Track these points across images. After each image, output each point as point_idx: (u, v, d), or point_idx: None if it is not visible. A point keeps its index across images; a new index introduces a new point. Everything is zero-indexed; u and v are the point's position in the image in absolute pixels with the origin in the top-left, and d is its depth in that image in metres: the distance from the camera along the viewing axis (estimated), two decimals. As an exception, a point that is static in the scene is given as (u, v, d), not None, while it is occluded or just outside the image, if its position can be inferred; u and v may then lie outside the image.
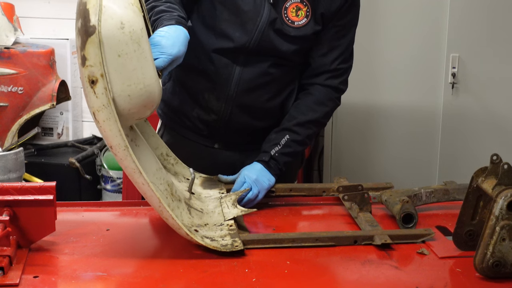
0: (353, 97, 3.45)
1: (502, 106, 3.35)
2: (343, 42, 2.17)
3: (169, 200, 1.76)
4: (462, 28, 3.30)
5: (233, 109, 2.16)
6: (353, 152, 3.51)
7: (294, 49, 2.11)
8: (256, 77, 2.13)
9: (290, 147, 2.12)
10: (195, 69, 2.16)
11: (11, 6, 3.88)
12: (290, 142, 2.12)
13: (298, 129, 2.13)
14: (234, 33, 2.10)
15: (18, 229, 1.60)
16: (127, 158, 1.58)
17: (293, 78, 2.20)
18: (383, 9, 3.36)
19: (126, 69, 1.57)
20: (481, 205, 1.66)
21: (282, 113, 2.20)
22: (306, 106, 2.16)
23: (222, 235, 1.73)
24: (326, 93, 2.18)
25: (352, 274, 1.60)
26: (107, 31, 1.53)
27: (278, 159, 2.10)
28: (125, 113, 1.61)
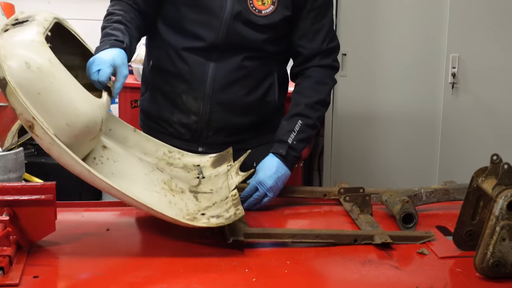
0: (353, 97, 3.45)
1: (502, 106, 3.35)
2: (325, 22, 2.16)
3: (168, 197, 1.77)
4: (462, 28, 3.30)
5: (212, 108, 2.15)
6: (353, 152, 3.51)
7: (265, 38, 2.11)
8: (231, 73, 2.13)
9: (305, 132, 2.10)
10: (170, 72, 2.17)
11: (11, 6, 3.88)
12: (304, 127, 2.10)
13: (308, 112, 2.12)
14: (201, 31, 2.11)
15: (18, 229, 1.60)
16: (95, 180, 1.62)
17: (271, 71, 2.19)
18: (383, 9, 3.36)
19: (52, 102, 1.59)
20: (481, 205, 1.66)
21: (265, 108, 2.19)
22: (309, 88, 2.16)
23: (227, 208, 1.75)
24: (324, 72, 2.18)
25: (352, 274, 1.60)
26: (15, 77, 1.55)
27: (296, 147, 2.08)
28: (74, 141, 1.63)
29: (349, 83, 3.44)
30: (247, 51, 2.13)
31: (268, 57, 2.17)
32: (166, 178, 1.83)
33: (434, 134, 3.41)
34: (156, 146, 2.03)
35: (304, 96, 2.14)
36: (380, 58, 3.40)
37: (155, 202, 1.72)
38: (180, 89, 2.17)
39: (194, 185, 1.89)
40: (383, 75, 3.42)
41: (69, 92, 1.62)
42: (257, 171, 2.03)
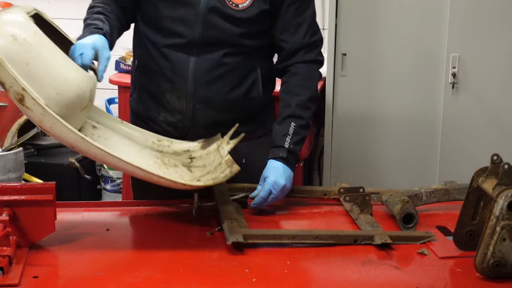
0: (353, 97, 3.45)
1: (502, 106, 3.35)
2: (307, 16, 2.14)
3: (162, 169, 1.79)
4: (462, 28, 3.29)
5: (196, 106, 2.13)
6: (353, 151, 3.51)
7: (244, 33, 2.09)
8: (212, 69, 2.11)
9: (299, 134, 2.09)
10: (153, 71, 2.16)
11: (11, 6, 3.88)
12: (298, 128, 2.09)
13: (300, 112, 2.11)
14: (179, 27, 2.10)
15: (18, 229, 1.60)
16: (90, 148, 1.63)
17: (254, 66, 2.16)
18: (383, 9, 3.35)
19: (41, 72, 1.61)
20: (482, 205, 1.66)
21: (249, 104, 2.16)
22: (297, 86, 2.14)
23: (222, 170, 1.78)
24: (309, 68, 2.16)
25: (352, 274, 1.60)
26: (3, 50, 1.58)
27: (294, 150, 2.08)
28: (65, 112, 1.64)
29: (349, 83, 3.43)
30: (227, 46, 2.11)
31: (250, 52, 2.14)
32: (158, 154, 1.86)
33: (434, 134, 3.41)
34: (145, 136, 2.04)
35: (294, 95, 2.13)
36: (380, 58, 3.40)
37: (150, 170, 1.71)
38: (164, 88, 2.16)
39: (186, 162, 1.91)
40: (383, 75, 3.41)
41: (57, 61, 1.65)
42: (265, 176, 2.03)
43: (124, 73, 3.57)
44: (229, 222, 1.75)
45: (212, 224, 1.85)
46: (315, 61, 2.18)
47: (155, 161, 1.83)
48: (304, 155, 3.48)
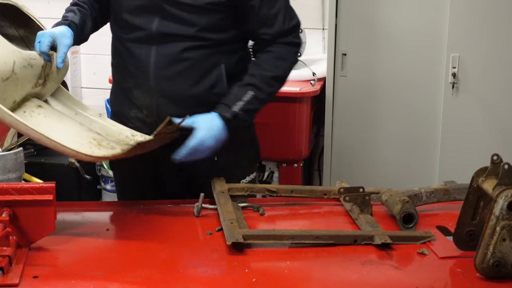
0: (353, 97, 3.45)
1: (502, 106, 3.35)
2: (280, 5, 2.13)
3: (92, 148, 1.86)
4: (462, 28, 3.29)
5: (159, 101, 2.13)
6: (353, 152, 3.51)
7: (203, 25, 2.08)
8: (172, 64, 2.11)
9: (253, 104, 2.09)
10: (122, 66, 2.20)
11: None
12: (254, 99, 2.08)
13: (262, 85, 2.10)
14: (136, 20, 2.12)
15: (18, 229, 1.60)
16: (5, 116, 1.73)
17: (217, 62, 2.14)
18: (383, 9, 3.36)
19: None
20: (482, 205, 1.66)
21: (214, 100, 2.13)
22: (268, 62, 2.13)
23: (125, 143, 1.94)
24: (285, 48, 2.15)
25: (352, 274, 1.60)
26: None
27: (240, 117, 2.07)
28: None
29: (349, 83, 3.44)
30: (187, 40, 2.09)
31: (213, 47, 2.12)
32: (99, 138, 1.90)
33: (434, 134, 3.41)
34: (119, 130, 2.07)
35: (262, 69, 2.12)
36: (380, 58, 3.40)
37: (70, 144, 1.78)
38: (131, 84, 2.18)
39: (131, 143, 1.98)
40: (383, 75, 3.41)
41: None
42: (198, 127, 2.01)
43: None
44: (229, 222, 1.75)
45: (212, 224, 1.85)
46: (291, 43, 2.17)
47: (90, 141, 1.87)
48: (304, 155, 3.49)
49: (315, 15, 3.91)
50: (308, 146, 3.51)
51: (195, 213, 1.92)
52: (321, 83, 3.47)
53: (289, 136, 3.41)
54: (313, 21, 3.91)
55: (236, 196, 1.99)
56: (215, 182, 2.05)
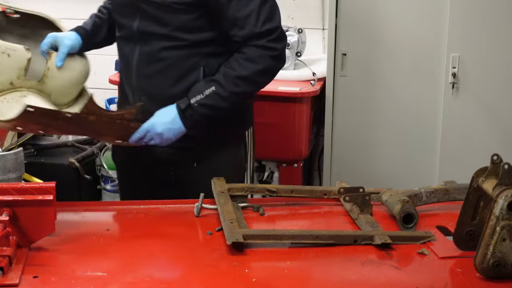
0: (353, 97, 3.45)
1: (502, 106, 3.35)
2: (253, 6, 2.11)
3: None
4: (462, 28, 3.29)
5: (141, 99, 2.17)
6: (353, 152, 3.51)
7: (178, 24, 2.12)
8: (151, 63, 2.16)
9: (212, 99, 2.10)
10: (118, 64, 2.33)
11: (8, 6, 3.88)
12: (214, 94, 2.10)
13: (225, 83, 2.11)
14: (122, 19, 2.21)
15: (18, 229, 1.60)
16: None
17: (196, 65, 2.16)
18: (383, 9, 3.35)
19: None
20: (482, 205, 1.66)
21: None
22: (236, 61, 2.13)
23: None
24: (256, 51, 2.12)
25: (352, 274, 1.60)
26: None
27: (195, 109, 2.09)
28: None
29: (349, 83, 3.43)
30: (163, 39, 2.14)
31: (189, 48, 2.15)
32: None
33: (434, 134, 3.41)
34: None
35: (228, 67, 2.13)
36: (380, 58, 3.40)
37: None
38: (123, 81, 2.27)
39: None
40: (383, 75, 3.41)
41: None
42: (155, 114, 2.11)
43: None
44: (229, 222, 1.75)
45: (212, 224, 1.85)
46: (264, 47, 2.13)
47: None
48: (304, 155, 3.49)
49: (315, 15, 3.92)
50: (308, 146, 3.51)
51: (195, 213, 1.92)
52: (321, 83, 3.47)
53: (289, 136, 3.41)
54: (313, 21, 3.91)
55: (236, 196, 1.99)
56: (215, 182, 2.05)
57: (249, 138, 2.39)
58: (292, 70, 3.55)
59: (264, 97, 3.34)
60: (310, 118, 3.48)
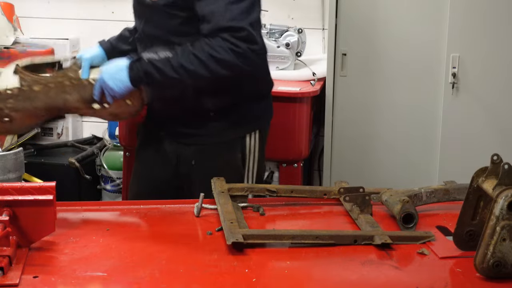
0: (353, 97, 3.45)
1: (502, 106, 3.35)
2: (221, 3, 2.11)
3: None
4: (462, 28, 3.29)
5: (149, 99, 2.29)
6: (353, 152, 3.51)
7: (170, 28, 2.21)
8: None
9: (163, 63, 2.12)
10: None
11: (10, 6, 3.88)
12: (166, 60, 2.12)
13: (180, 55, 2.13)
14: (136, 22, 2.36)
15: (18, 229, 1.60)
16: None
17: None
18: (383, 9, 3.35)
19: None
20: (482, 205, 1.66)
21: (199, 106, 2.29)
22: (198, 42, 2.13)
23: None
24: (218, 41, 2.11)
25: (352, 274, 1.60)
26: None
27: (143, 64, 2.13)
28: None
29: (349, 83, 3.43)
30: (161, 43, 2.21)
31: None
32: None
33: (434, 134, 3.41)
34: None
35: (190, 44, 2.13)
36: (380, 58, 3.40)
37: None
38: None
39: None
40: (383, 75, 3.41)
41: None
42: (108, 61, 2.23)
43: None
44: (229, 222, 1.75)
45: (212, 224, 1.85)
46: (226, 40, 2.10)
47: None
48: (304, 155, 3.48)
49: (315, 15, 3.92)
50: (308, 146, 3.51)
51: (195, 213, 1.92)
52: (321, 83, 3.47)
53: (289, 136, 3.40)
54: (313, 21, 3.91)
55: (236, 196, 1.99)
56: (215, 182, 2.05)
57: (251, 142, 2.38)
58: (292, 70, 3.55)
59: (264, 97, 3.35)
60: (310, 118, 3.48)
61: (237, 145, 2.35)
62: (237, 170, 2.37)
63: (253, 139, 2.38)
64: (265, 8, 3.74)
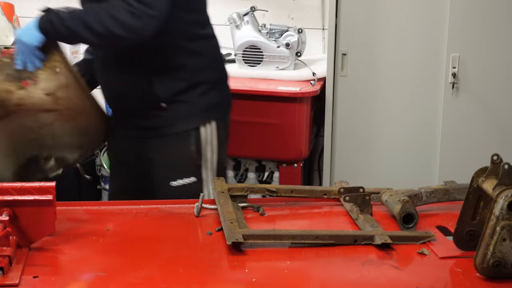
0: (353, 97, 3.45)
1: (502, 106, 3.35)
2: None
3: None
4: (462, 28, 3.29)
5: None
6: (353, 152, 3.51)
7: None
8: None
9: (67, 14, 2.18)
10: None
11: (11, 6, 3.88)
12: (71, 12, 2.19)
13: (87, 9, 2.22)
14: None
15: (18, 229, 1.60)
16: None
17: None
18: (383, 9, 3.36)
19: None
20: (482, 205, 1.66)
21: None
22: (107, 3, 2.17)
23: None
24: (119, 1, 2.15)
25: (352, 274, 1.60)
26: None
27: (50, 14, 2.20)
28: None
29: (349, 83, 3.44)
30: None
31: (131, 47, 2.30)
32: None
33: (434, 134, 3.41)
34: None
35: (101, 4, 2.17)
36: (380, 58, 3.40)
37: None
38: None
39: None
40: (383, 75, 3.41)
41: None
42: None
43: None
44: (229, 222, 1.75)
45: (212, 224, 1.85)
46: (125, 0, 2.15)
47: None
48: (304, 155, 3.49)
49: (315, 15, 3.92)
50: (308, 146, 3.51)
51: (195, 213, 1.92)
52: (321, 83, 3.47)
53: (289, 136, 3.41)
54: (313, 21, 3.91)
55: (236, 196, 1.99)
56: (215, 182, 2.05)
57: (207, 133, 2.38)
58: (292, 70, 3.55)
59: (264, 97, 3.35)
60: (310, 118, 3.48)
61: (190, 136, 2.36)
62: (192, 161, 2.37)
63: (209, 130, 2.37)
64: (265, 8, 3.77)
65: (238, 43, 3.55)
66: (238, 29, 3.56)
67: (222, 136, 2.43)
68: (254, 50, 3.54)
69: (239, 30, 3.56)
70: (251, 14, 3.57)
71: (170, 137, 2.35)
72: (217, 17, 3.89)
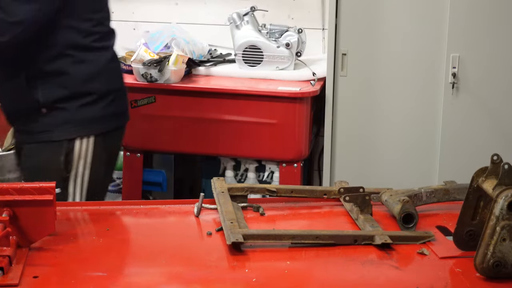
0: (353, 97, 3.45)
1: (503, 106, 3.35)
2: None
3: None
4: (462, 28, 3.29)
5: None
6: (353, 151, 3.51)
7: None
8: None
9: None
10: None
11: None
12: None
13: None
14: None
15: (18, 229, 1.60)
16: None
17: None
18: (383, 9, 3.36)
19: None
20: (482, 205, 1.66)
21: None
22: None
23: None
24: None
25: (352, 274, 1.60)
26: None
27: None
28: None
29: (349, 83, 3.44)
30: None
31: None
32: None
33: (434, 134, 3.41)
34: None
35: None
36: (380, 58, 3.40)
37: None
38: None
39: None
40: (383, 75, 3.41)
41: None
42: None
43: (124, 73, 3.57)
44: (229, 222, 1.75)
45: (212, 224, 1.85)
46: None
47: None
48: (304, 155, 3.49)
49: (315, 15, 3.92)
50: (308, 146, 3.51)
51: (195, 213, 1.92)
52: (321, 83, 3.47)
53: (289, 136, 3.41)
54: (313, 21, 3.91)
55: (236, 196, 1.99)
56: (215, 182, 2.05)
57: (83, 147, 2.34)
58: (292, 70, 3.55)
59: (264, 97, 3.35)
60: (310, 118, 3.48)
61: (62, 146, 2.31)
62: (57, 172, 2.30)
63: (84, 144, 2.32)
64: (265, 8, 3.77)
65: (238, 43, 3.55)
66: (238, 29, 3.56)
67: (100, 154, 2.36)
68: (254, 50, 3.54)
69: (239, 30, 3.56)
70: (251, 14, 3.57)
71: (43, 144, 2.31)
72: (217, 17, 3.93)
